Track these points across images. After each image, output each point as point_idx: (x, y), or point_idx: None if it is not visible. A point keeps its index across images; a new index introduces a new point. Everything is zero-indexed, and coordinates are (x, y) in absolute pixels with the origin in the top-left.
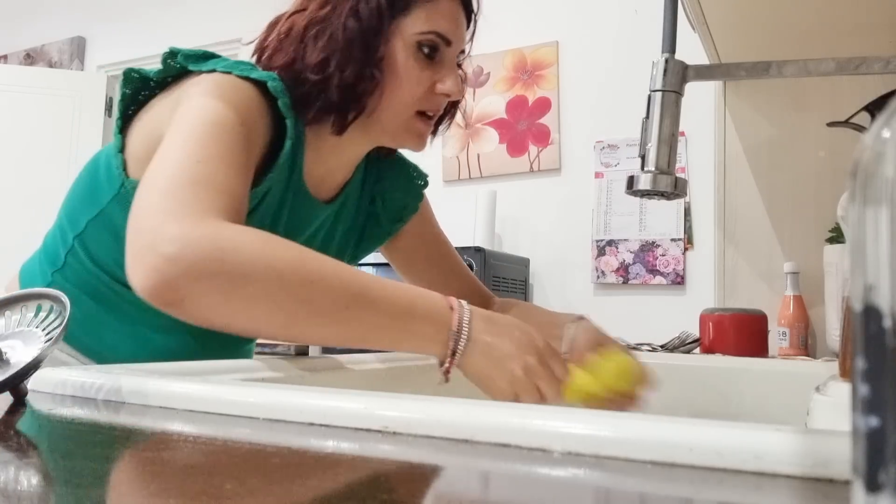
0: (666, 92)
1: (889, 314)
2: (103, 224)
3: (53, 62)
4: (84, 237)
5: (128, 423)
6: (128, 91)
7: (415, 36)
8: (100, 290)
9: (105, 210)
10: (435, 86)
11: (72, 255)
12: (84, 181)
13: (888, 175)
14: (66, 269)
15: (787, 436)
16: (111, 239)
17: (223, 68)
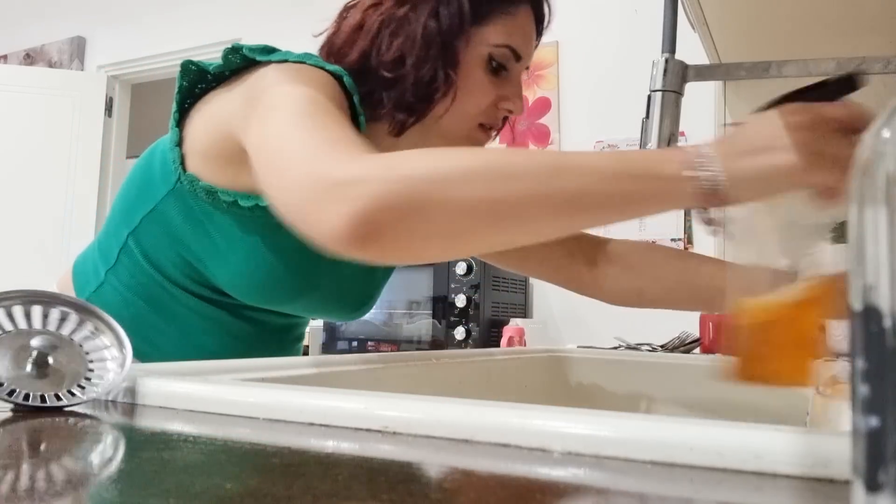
0: (666, 92)
1: (889, 314)
2: (158, 220)
3: (53, 62)
4: (138, 234)
5: (128, 422)
6: (185, 83)
7: (489, 47)
8: (152, 291)
9: (159, 206)
10: (498, 101)
11: (125, 252)
12: (138, 176)
13: (888, 175)
14: (119, 268)
15: (787, 436)
16: (166, 236)
17: (295, 59)
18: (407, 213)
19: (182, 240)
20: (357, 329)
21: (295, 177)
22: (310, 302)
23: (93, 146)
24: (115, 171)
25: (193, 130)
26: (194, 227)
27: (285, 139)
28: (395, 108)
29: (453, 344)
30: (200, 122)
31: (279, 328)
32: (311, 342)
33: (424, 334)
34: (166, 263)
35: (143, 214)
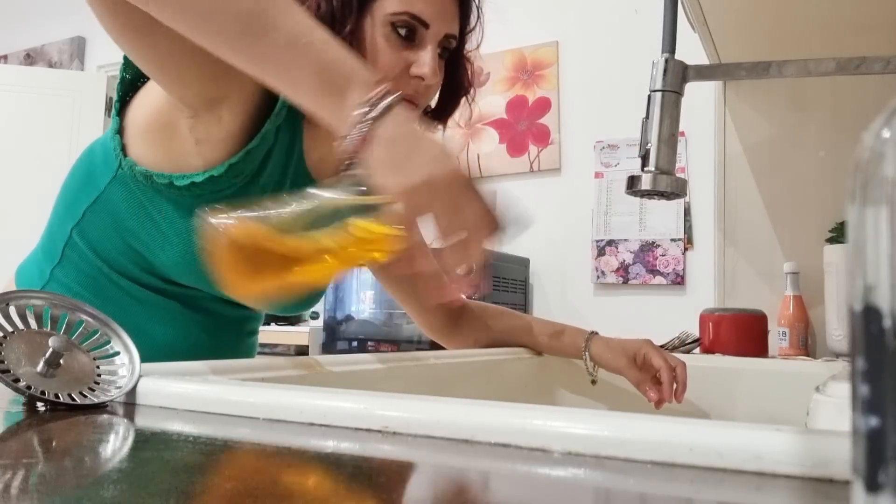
0: (666, 92)
1: (889, 314)
2: (103, 209)
3: (53, 62)
4: (83, 226)
5: (128, 422)
6: (127, 76)
7: (387, 16)
8: (101, 283)
9: (103, 195)
10: (407, 68)
11: (70, 247)
12: (79, 172)
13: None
14: (66, 263)
15: (787, 436)
16: (111, 225)
17: None
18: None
19: (127, 227)
20: (357, 329)
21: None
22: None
23: None
24: None
25: (133, 116)
26: (137, 213)
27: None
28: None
29: None
30: (139, 104)
31: (232, 320)
32: (311, 342)
33: (424, 334)
34: (114, 253)
35: (87, 206)
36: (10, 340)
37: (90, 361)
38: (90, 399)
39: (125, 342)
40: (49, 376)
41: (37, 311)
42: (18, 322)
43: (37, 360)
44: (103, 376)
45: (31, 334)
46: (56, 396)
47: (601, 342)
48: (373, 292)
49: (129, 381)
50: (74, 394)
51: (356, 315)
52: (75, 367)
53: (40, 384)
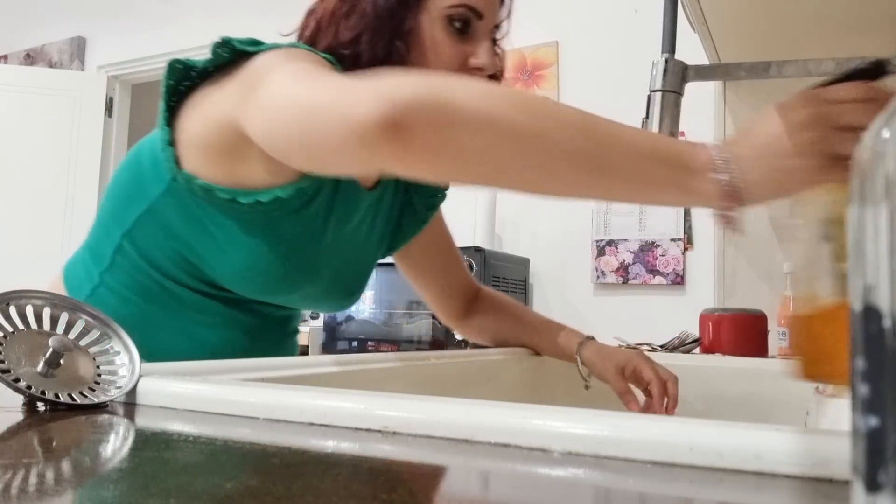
0: (666, 92)
1: (889, 314)
2: (153, 219)
3: (53, 62)
4: (133, 234)
5: (128, 422)
6: (171, 82)
7: (445, 9)
8: (151, 288)
9: (155, 205)
10: (468, 61)
11: (120, 253)
12: (126, 177)
13: (888, 175)
14: (115, 269)
15: (787, 436)
16: (162, 235)
17: (286, 46)
18: (441, 114)
19: (180, 237)
20: (357, 329)
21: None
22: (308, 292)
23: (93, 146)
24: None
25: (186, 128)
26: (192, 225)
27: (291, 85)
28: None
29: (453, 344)
30: (193, 118)
31: (278, 320)
32: (311, 342)
33: (424, 334)
34: (164, 261)
35: (138, 214)
36: (10, 340)
37: (90, 361)
38: (90, 399)
39: (125, 342)
40: (49, 376)
41: (37, 311)
42: (18, 322)
43: (37, 360)
44: (103, 376)
45: (31, 334)
46: (56, 396)
47: (593, 348)
48: (373, 292)
49: (129, 381)
50: (74, 394)
51: (356, 315)
52: (75, 367)
53: (40, 384)
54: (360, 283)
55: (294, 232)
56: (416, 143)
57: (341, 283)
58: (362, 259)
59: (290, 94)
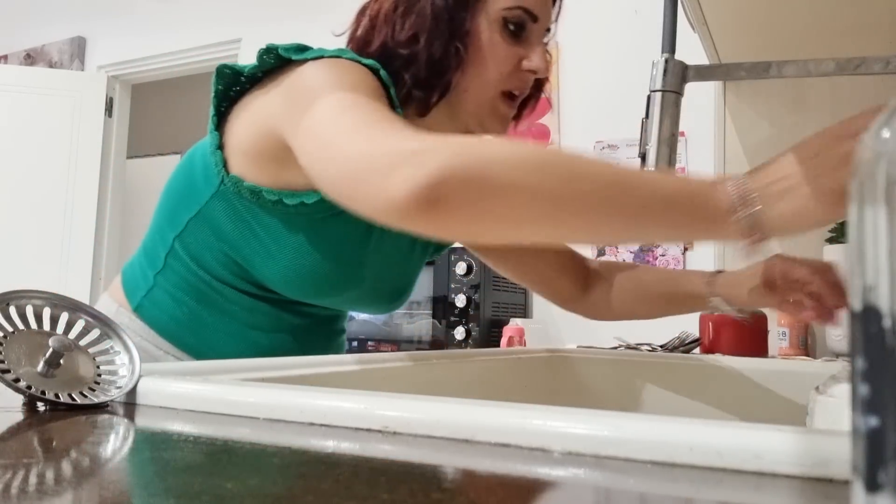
0: (666, 92)
1: (889, 314)
2: (204, 222)
3: (53, 62)
4: (184, 237)
5: (128, 422)
6: (220, 87)
7: (501, 11)
8: (202, 290)
9: (205, 209)
10: (521, 63)
11: (172, 256)
12: (180, 180)
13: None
14: (168, 271)
15: (787, 436)
16: (212, 237)
17: (330, 54)
18: (475, 186)
19: (229, 240)
20: (357, 329)
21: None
22: (354, 294)
23: (93, 146)
24: (115, 171)
25: (234, 133)
26: (240, 228)
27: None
28: (414, 86)
29: (453, 344)
30: (241, 124)
31: (325, 320)
32: None
33: (424, 334)
34: (213, 263)
35: (189, 218)
36: (10, 340)
37: (90, 361)
38: (90, 399)
39: (125, 342)
40: (49, 376)
41: (37, 311)
42: (18, 322)
43: (37, 360)
44: (103, 376)
45: (31, 334)
46: (56, 396)
47: (725, 285)
48: None
49: (129, 381)
50: (74, 394)
51: (356, 315)
52: (75, 367)
53: (40, 384)
54: (406, 285)
55: (339, 234)
56: (452, 216)
57: (387, 285)
58: (408, 261)
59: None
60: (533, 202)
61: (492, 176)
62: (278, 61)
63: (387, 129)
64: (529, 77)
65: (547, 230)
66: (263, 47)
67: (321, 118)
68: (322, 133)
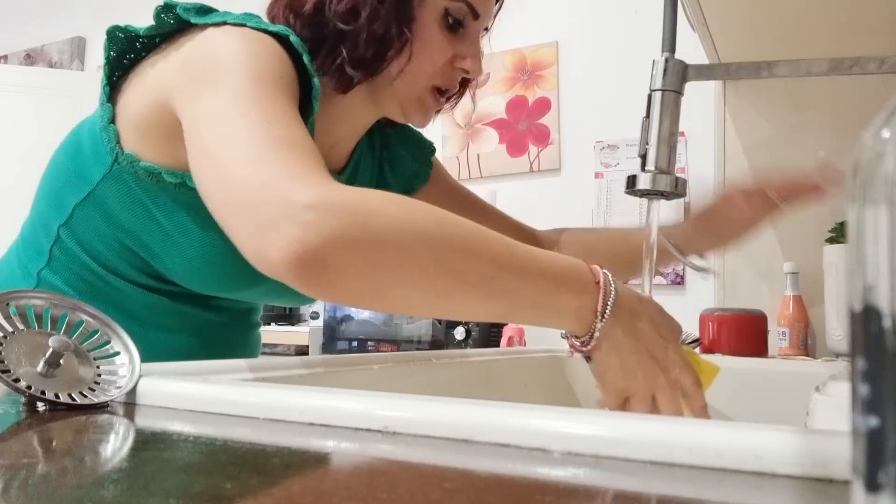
0: (666, 91)
1: (889, 314)
2: (94, 206)
3: (53, 62)
4: (72, 224)
5: (128, 422)
6: (113, 53)
7: (445, 2)
8: (95, 284)
9: (95, 192)
10: (455, 60)
11: (58, 247)
12: (64, 161)
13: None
14: (54, 264)
15: (787, 436)
16: (104, 224)
17: (234, 20)
18: (363, 263)
19: (124, 227)
20: (357, 329)
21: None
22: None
23: None
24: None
25: (127, 104)
26: (138, 213)
27: (228, 132)
28: (347, 63)
29: (453, 344)
30: (134, 94)
31: (238, 314)
32: (311, 342)
33: (424, 334)
34: (107, 253)
35: (76, 203)
36: (10, 340)
37: (90, 361)
38: (90, 399)
39: (125, 342)
40: (49, 376)
41: (37, 311)
42: (18, 322)
43: (37, 360)
44: (103, 376)
45: (31, 334)
46: (56, 396)
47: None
48: None
49: (129, 381)
50: (74, 394)
51: (356, 315)
52: (75, 367)
53: (40, 384)
54: None
55: None
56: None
57: None
58: None
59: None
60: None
61: (383, 254)
62: (178, 23)
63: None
64: (459, 75)
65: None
66: (161, 4)
67: (214, 118)
68: (212, 140)
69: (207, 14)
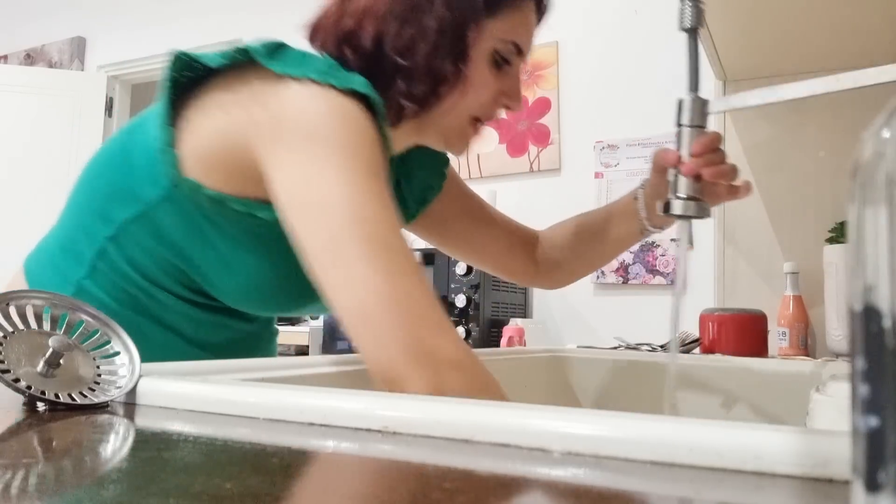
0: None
1: (889, 314)
2: (146, 224)
3: (53, 62)
4: (120, 238)
5: (128, 422)
6: (175, 74)
7: (496, 42)
8: (136, 297)
9: (149, 211)
10: (499, 95)
11: (102, 258)
12: (110, 175)
13: (888, 175)
14: (98, 276)
15: (787, 436)
16: (155, 241)
17: (317, 76)
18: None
19: (177, 247)
20: None
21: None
22: (315, 306)
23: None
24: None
25: (191, 134)
26: (194, 237)
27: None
28: (402, 96)
29: None
30: (200, 128)
31: (266, 321)
32: (311, 342)
33: None
34: (155, 269)
35: (127, 218)
36: (10, 340)
37: (90, 361)
38: (90, 399)
39: (125, 342)
40: (49, 376)
41: (37, 311)
42: (18, 322)
43: (37, 360)
44: (103, 376)
45: (31, 334)
46: (56, 396)
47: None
48: None
49: (129, 381)
50: (74, 394)
51: None
52: (75, 367)
53: (40, 384)
54: None
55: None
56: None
57: None
58: None
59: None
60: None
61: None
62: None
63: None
64: (501, 110)
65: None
66: (239, 48)
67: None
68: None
69: (282, 56)
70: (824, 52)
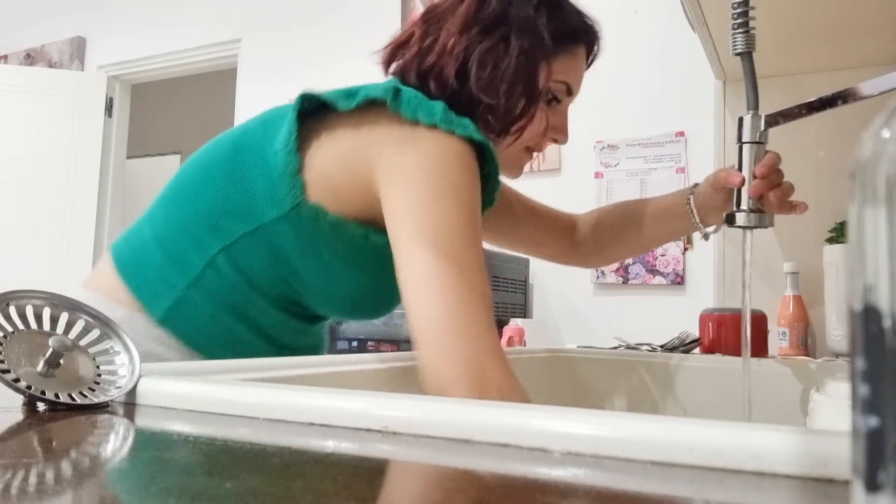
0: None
1: (889, 314)
2: (262, 239)
3: (53, 62)
4: (234, 251)
5: (128, 422)
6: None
7: (551, 82)
8: (239, 305)
9: (266, 226)
10: (549, 130)
11: (213, 267)
12: (226, 191)
13: (888, 175)
14: (205, 282)
15: (787, 436)
16: (268, 255)
17: (444, 125)
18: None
19: (289, 263)
20: (357, 329)
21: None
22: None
23: (93, 146)
24: (114, 171)
25: (320, 160)
26: (305, 252)
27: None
28: (482, 128)
29: None
30: (327, 158)
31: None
32: None
33: None
34: (262, 279)
35: (243, 232)
36: (10, 340)
37: (90, 361)
38: (90, 399)
39: (125, 342)
40: (49, 376)
41: (37, 311)
42: (18, 322)
43: (37, 360)
44: (103, 376)
45: (31, 334)
46: (56, 396)
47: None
48: None
49: (129, 381)
50: (74, 394)
51: None
52: (75, 367)
53: (40, 384)
54: None
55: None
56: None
57: None
58: None
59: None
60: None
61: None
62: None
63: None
64: (550, 142)
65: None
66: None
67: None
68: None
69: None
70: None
